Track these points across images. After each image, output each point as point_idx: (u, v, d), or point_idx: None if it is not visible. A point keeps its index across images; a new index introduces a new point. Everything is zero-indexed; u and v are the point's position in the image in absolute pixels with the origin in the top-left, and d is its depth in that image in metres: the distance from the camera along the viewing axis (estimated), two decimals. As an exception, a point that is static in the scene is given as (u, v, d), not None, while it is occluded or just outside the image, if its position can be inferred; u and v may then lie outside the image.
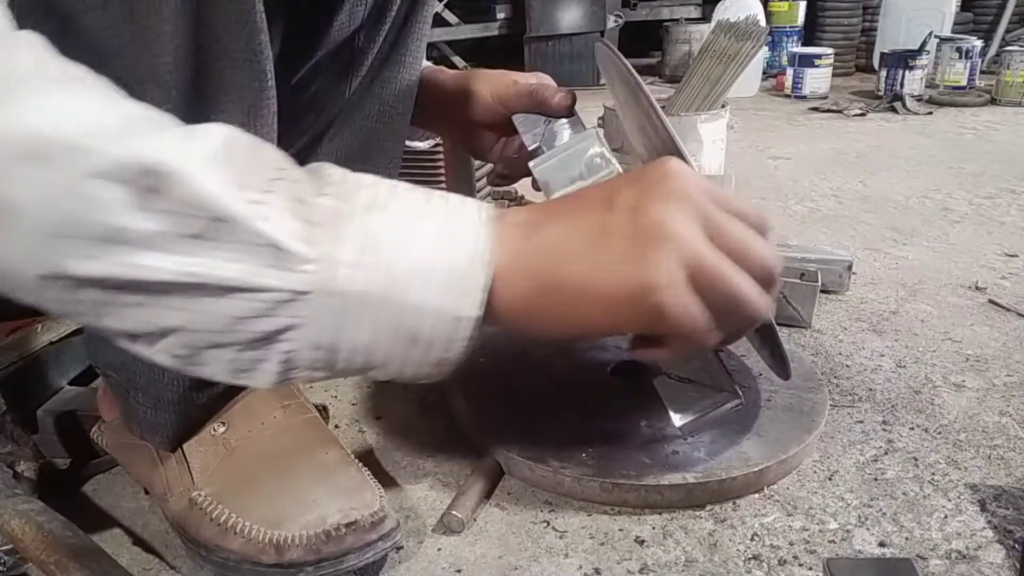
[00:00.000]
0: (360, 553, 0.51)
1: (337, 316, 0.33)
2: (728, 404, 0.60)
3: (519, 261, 0.35)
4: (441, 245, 0.34)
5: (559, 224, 0.36)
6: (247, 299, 0.31)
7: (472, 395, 0.72)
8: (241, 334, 0.32)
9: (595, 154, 0.56)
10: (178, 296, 0.31)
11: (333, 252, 0.32)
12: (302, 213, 0.32)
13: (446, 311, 0.34)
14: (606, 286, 0.35)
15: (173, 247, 0.30)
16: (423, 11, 0.66)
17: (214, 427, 0.59)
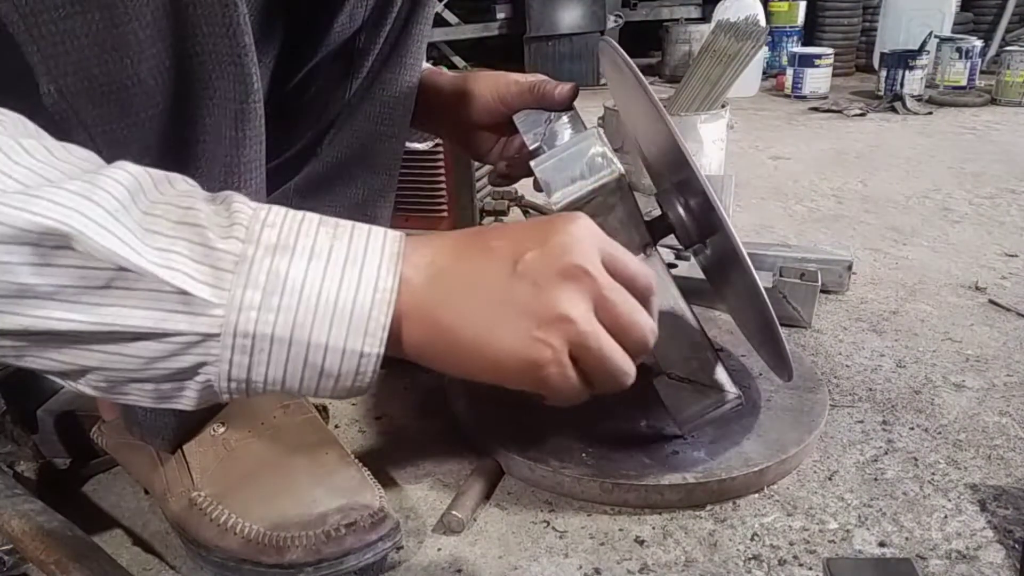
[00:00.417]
0: (360, 553, 0.51)
1: (246, 355, 0.34)
2: (728, 404, 0.60)
3: (420, 308, 0.37)
4: (345, 285, 0.35)
5: (462, 277, 0.38)
6: (159, 342, 0.33)
7: (472, 395, 0.72)
8: (157, 371, 0.34)
9: (596, 153, 0.56)
10: (92, 342, 0.32)
11: (239, 296, 0.33)
12: (209, 259, 0.33)
13: (350, 349, 0.35)
14: (498, 354, 0.37)
15: (81, 299, 0.31)
16: (424, 12, 0.66)
17: (214, 427, 0.59)
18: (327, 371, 0.35)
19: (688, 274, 0.93)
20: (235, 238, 0.34)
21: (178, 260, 0.32)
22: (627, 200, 0.58)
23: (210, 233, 0.33)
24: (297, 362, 0.35)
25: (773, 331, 0.57)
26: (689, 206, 0.59)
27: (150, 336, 0.32)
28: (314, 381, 0.36)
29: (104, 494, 0.65)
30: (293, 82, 0.62)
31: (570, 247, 0.38)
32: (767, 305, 0.55)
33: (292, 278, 0.34)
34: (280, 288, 0.34)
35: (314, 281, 0.34)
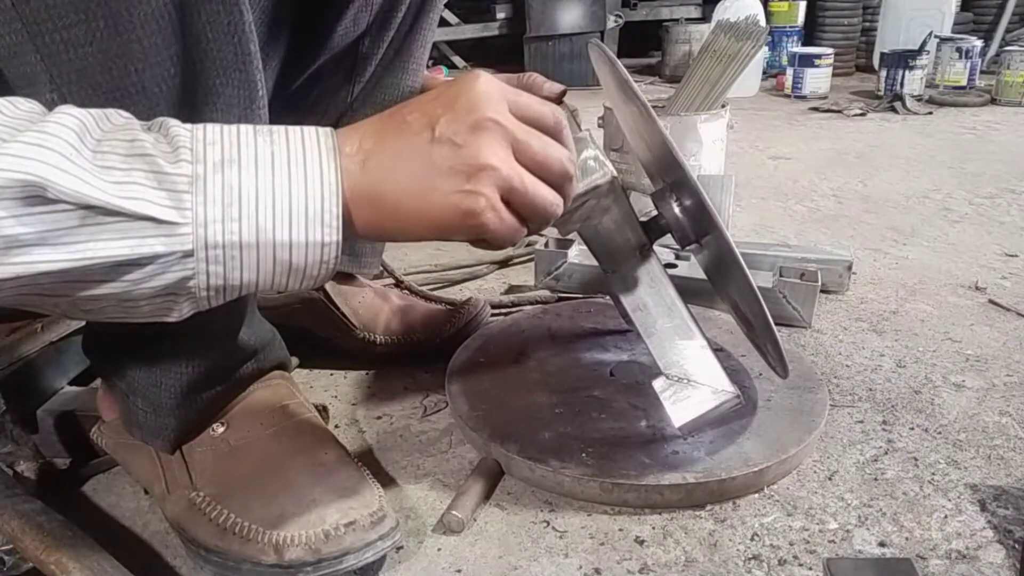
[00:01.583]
0: (359, 553, 0.51)
1: (220, 264, 0.37)
2: (727, 404, 0.60)
3: (361, 192, 0.40)
4: (295, 184, 0.38)
5: (390, 155, 0.41)
6: (140, 268, 0.36)
7: (472, 395, 0.72)
8: (145, 291, 0.37)
9: (588, 157, 0.56)
10: (79, 278, 0.35)
11: (201, 213, 0.36)
12: (165, 184, 0.35)
13: (311, 242, 0.38)
14: (437, 213, 0.41)
15: (62, 240, 0.34)
16: (429, 18, 0.66)
17: (213, 427, 0.59)
18: (295, 266, 0.39)
19: (688, 274, 0.93)
20: (183, 160, 0.36)
21: (138, 190, 0.35)
22: (621, 202, 0.58)
23: (160, 160, 0.36)
24: (267, 262, 0.38)
25: (769, 328, 0.57)
26: (684, 205, 0.59)
27: (130, 264, 0.35)
28: (284, 277, 0.39)
29: (104, 494, 0.65)
30: (296, 85, 0.62)
31: (477, 103, 0.41)
32: (760, 302, 0.55)
33: (245, 187, 0.37)
34: (236, 199, 0.36)
35: (265, 186, 0.37)
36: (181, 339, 0.56)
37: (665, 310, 0.60)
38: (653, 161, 0.66)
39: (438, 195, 0.40)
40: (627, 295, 0.61)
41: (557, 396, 0.71)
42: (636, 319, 0.61)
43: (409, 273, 1.06)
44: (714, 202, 0.94)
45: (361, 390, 0.80)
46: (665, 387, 0.60)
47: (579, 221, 0.58)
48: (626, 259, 0.61)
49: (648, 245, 0.61)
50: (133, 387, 0.57)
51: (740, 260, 0.56)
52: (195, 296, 0.38)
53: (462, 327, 0.84)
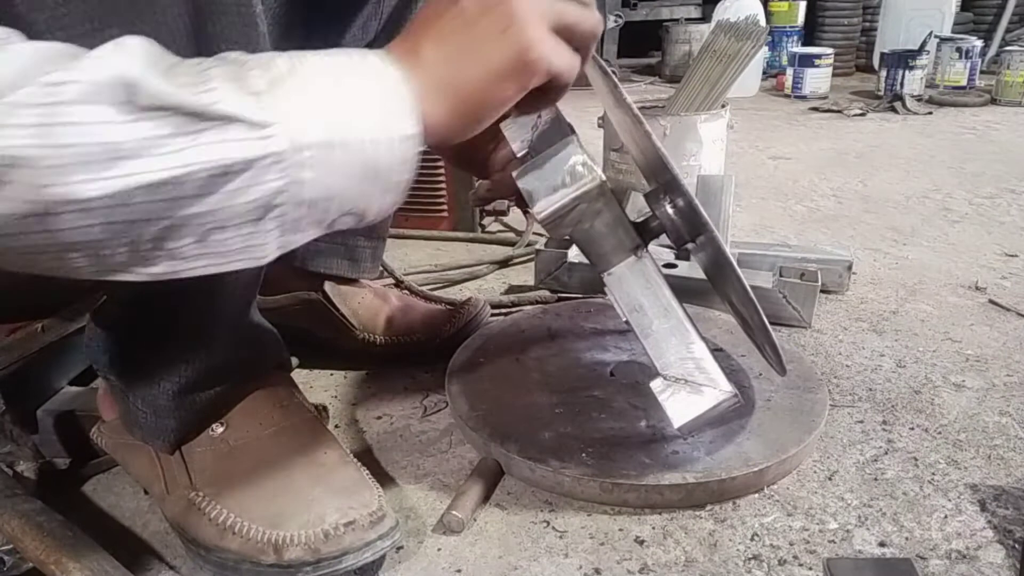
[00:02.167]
0: (359, 552, 0.51)
1: (310, 169, 0.36)
2: (725, 404, 0.59)
3: (424, 80, 0.40)
4: (364, 85, 0.38)
5: (432, 41, 0.42)
6: (235, 176, 0.35)
7: (472, 395, 0.72)
8: (238, 208, 0.36)
9: (577, 161, 0.56)
10: (178, 195, 0.34)
11: (287, 112, 0.35)
12: (246, 89, 0.35)
13: (394, 135, 0.39)
14: (496, 65, 0.41)
15: (160, 149, 0.33)
16: None
17: (213, 427, 0.59)
18: (381, 166, 0.39)
19: (688, 274, 0.93)
20: (255, 69, 0.36)
21: (223, 94, 0.34)
22: (611, 205, 0.58)
23: (235, 69, 0.35)
24: (354, 165, 0.38)
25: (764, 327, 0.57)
26: (677, 206, 0.59)
27: (224, 173, 0.34)
28: (369, 183, 0.39)
29: (104, 494, 0.65)
30: None
31: None
32: (753, 301, 0.56)
33: (321, 88, 0.37)
34: (316, 98, 0.37)
35: (338, 87, 0.37)
36: (182, 340, 0.56)
37: (661, 311, 0.60)
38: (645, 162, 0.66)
39: (494, 51, 0.41)
40: (623, 297, 0.61)
41: (557, 396, 0.71)
42: (633, 320, 0.61)
43: (409, 273, 1.06)
44: (714, 202, 0.94)
45: (361, 390, 0.80)
46: (663, 388, 0.60)
47: (570, 225, 0.59)
48: (621, 261, 0.61)
49: (643, 246, 0.61)
50: (133, 388, 0.57)
51: (731, 259, 0.56)
52: (284, 219, 0.37)
53: (462, 327, 0.84)
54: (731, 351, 0.78)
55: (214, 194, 0.35)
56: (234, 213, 0.36)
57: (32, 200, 0.32)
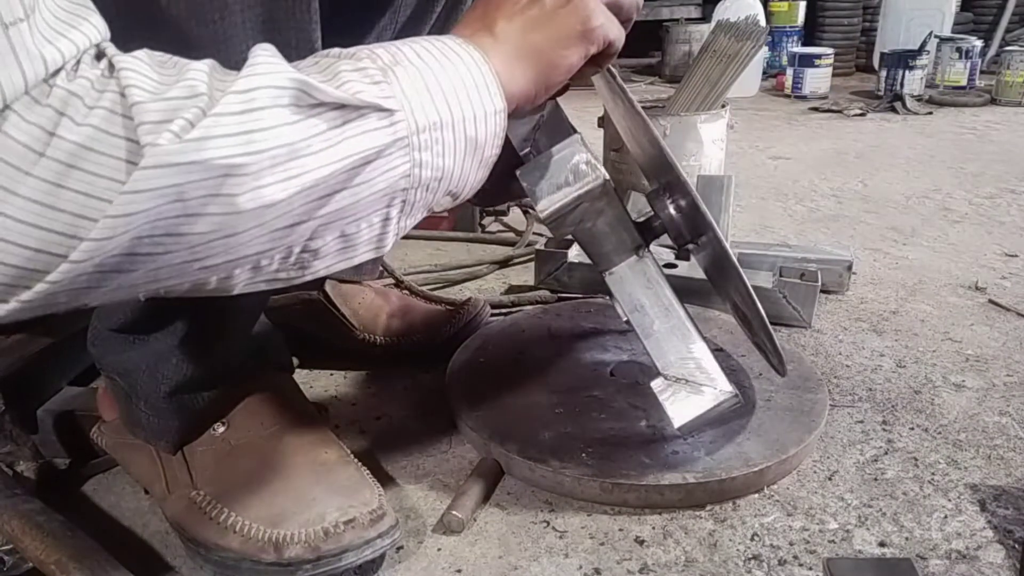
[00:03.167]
0: (359, 551, 0.51)
1: (429, 150, 0.39)
2: (725, 403, 0.60)
3: (502, 54, 0.44)
4: (454, 70, 0.41)
5: (504, 18, 0.45)
6: (371, 164, 0.37)
7: (472, 395, 0.72)
8: (372, 197, 0.38)
9: (580, 160, 0.56)
10: (339, 186, 0.36)
11: (404, 99, 0.38)
12: (367, 78, 0.37)
13: (488, 111, 0.42)
14: (564, 34, 0.45)
15: (323, 143, 0.35)
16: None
17: (214, 427, 0.59)
18: (479, 142, 0.42)
19: (688, 274, 0.93)
20: (366, 60, 0.38)
21: (357, 86, 0.36)
22: (614, 204, 0.58)
23: (351, 62, 0.38)
24: (460, 142, 0.41)
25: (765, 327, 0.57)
26: (679, 206, 0.59)
27: (364, 162, 0.36)
28: (470, 160, 0.42)
29: (104, 494, 0.65)
30: None
31: None
32: (755, 299, 0.56)
33: (423, 75, 0.39)
34: (423, 84, 0.39)
35: (436, 73, 0.40)
36: (184, 340, 0.56)
37: (662, 311, 0.60)
38: (647, 162, 0.66)
39: (560, 22, 0.45)
40: (624, 296, 0.61)
41: (557, 396, 0.71)
42: (634, 320, 0.61)
43: (409, 273, 1.06)
44: (714, 202, 0.94)
45: (361, 390, 0.80)
46: (664, 388, 0.60)
47: (573, 224, 0.59)
48: (622, 260, 0.61)
49: (644, 246, 0.61)
50: (135, 389, 0.57)
51: (734, 259, 0.56)
52: (405, 204, 0.40)
53: (462, 327, 0.84)
54: (731, 351, 0.78)
55: (354, 185, 0.37)
56: (369, 203, 0.38)
57: (229, 211, 0.33)
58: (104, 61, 0.32)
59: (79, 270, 0.31)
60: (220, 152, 0.31)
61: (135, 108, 0.30)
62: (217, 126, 0.31)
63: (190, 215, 0.32)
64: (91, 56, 0.31)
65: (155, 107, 0.30)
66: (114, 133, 0.30)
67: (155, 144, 0.30)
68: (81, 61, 0.31)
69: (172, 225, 0.32)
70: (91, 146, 0.29)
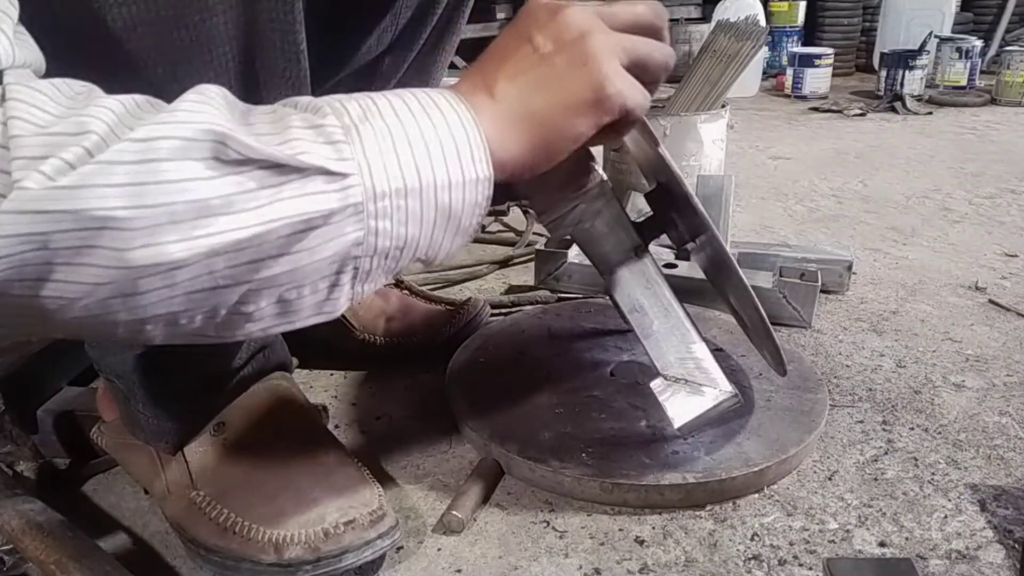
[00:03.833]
0: (359, 551, 0.51)
1: (388, 219, 0.36)
2: (725, 403, 0.60)
3: (499, 116, 0.40)
4: (436, 128, 0.38)
5: (507, 77, 0.42)
6: (314, 230, 0.34)
7: (472, 395, 0.72)
8: (316, 264, 0.35)
9: None
10: (256, 255, 0.33)
11: (363, 162, 0.35)
12: (323, 137, 0.35)
13: (467, 178, 0.38)
14: (572, 100, 0.41)
15: (246, 205, 0.32)
16: (452, 38, 0.66)
17: (214, 427, 0.59)
18: (453, 211, 0.38)
19: (688, 274, 0.93)
20: (330, 115, 0.35)
21: (303, 145, 0.34)
22: (612, 205, 0.58)
23: (310, 117, 0.35)
24: (430, 210, 0.38)
25: (765, 327, 0.57)
26: (677, 206, 0.59)
27: (305, 228, 0.34)
28: (442, 229, 0.39)
29: (104, 494, 0.65)
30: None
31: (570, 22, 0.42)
32: (755, 301, 0.56)
33: (395, 135, 0.36)
34: (391, 144, 0.36)
35: (411, 131, 0.37)
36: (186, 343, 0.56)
37: (661, 311, 0.60)
38: (645, 162, 0.66)
39: (570, 87, 0.41)
40: (623, 297, 0.61)
41: (557, 396, 0.71)
42: (633, 320, 0.61)
43: (409, 273, 1.06)
44: (714, 202, 0.94)
45: (361, 390, 0.80)
46: (663, 388, 0.60)
47: (571, 225, 0.59)
48: (621, 261, 0.61)
49: (643, 246, 0.61)
50: (135, 390, 0.57)
51: (732, 260, 0.56)
52: (359, 271, 0.37)
53: (462, 327, 0.84)
54: (731, 351, 0.78)
55: (294, 251, 0.34)
56: (312, 270, 0.35)
57: (117, 266, 0.30)
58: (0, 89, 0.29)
59: None
60: (98, 204, 0.29)
61: (12, 141, 0.28)
62: (99, 174, 0.29)
63: (68, 264, 0.30)
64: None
65: (33, 142, 0.28)
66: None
67: (21, 186, 0.28)
68: None
69: (42, 272, 0.29)
70: None
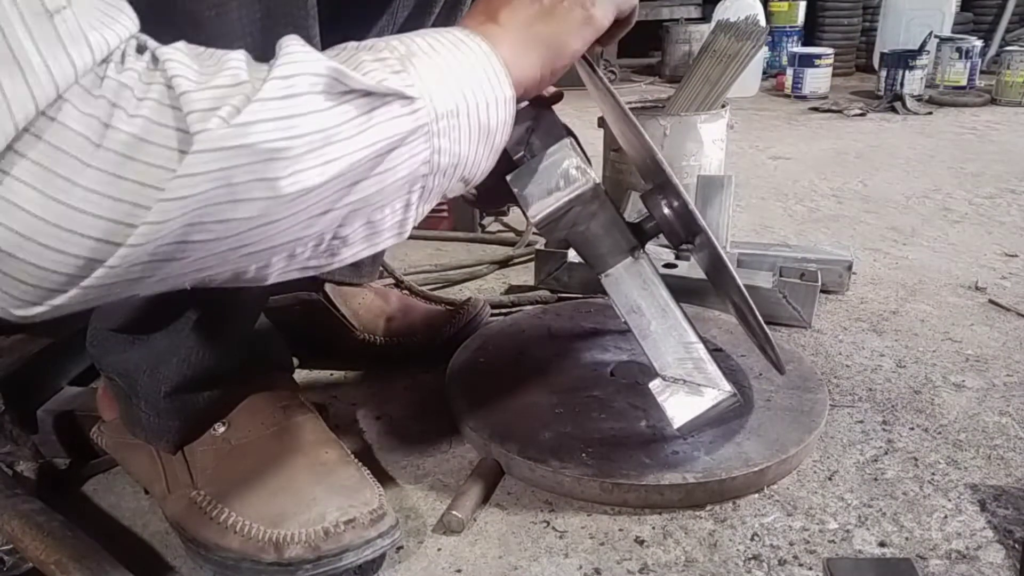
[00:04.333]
0: (359, 550, 0.51)
1: (446, 137, 0.40)
2: (724, 403, 0.60)
3: (509, 42, 0.45)
4: (465, 59, 0.42)
5: (507, 9, 0.46)
6: (394, 151, 0.38)
7: (472, 395, 0.72)
8: (396, 183, 0.39)
9: (570, 165, 0.57)
10: (354, 177, 0.37)
11: (424, 87, 0.39)
12: (388, 68, 0.38)
13: (499, 98, 0.43)
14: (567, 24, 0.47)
15: (354, 129, 0.36)
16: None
17: (215, 427, 0.59)
18: (490, 128, 0.43)
19: (688, 274, 0.93)
20: (384, 51, 0.39)
21: (382, 74, 0.37)
22: (606, 207, 0.58)
23: (371, 54, 0.39)
24: (473, 128, 0.42)
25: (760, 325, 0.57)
26: (673, 206, 0.59)
27: (392, 147, 0.38)
28: (483, 146, 0.43)
29: (104, 494, 0.65)
30: None
31: None
32: (747, 298, 0.56)
33: (436, 62, 0.40)
34: (436, 72, 0.40)
35: (449, 63, 0.41)
36: (184, 340, 0.56)
37: (659, 312, 0.61)
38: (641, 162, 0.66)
39: (562, 9, 0.46)
40: (620, 298, 0.61)
41: (557, 396, 0.71)
42: (631, 321, 0.61)
43: (409, 273, 1.06)
44: (714, 202, 0.94)
45: (361, 390, 0.80)
46: (662, 388, 0.60)
47: (566, 228, 0.59)
48: (617, 262, 0.61)
49: (639, 247, 0.61)
50: (135, 389, 0.57)
51: (726, 259, 0.56)
52: (424, 190, 0.41)
53: (462, 327, 0.84)
54: (731, 351, 0.78)
55: (381, 171, 0.38)
56: (393, 189, 0.39)
57: (270, 196, 0.34)
58: (147, 53, 0.32)
59: (134, 257, 0.31)
60: (264, 136, 0.32)
61: (183, 98, 0.31)
62: (262, 111, 0.32)
63: (236, 200, 0.33)
64: (133, 48, 0.32)
65: (202, 96, 0.31)
66: (165, 123, 0.31)
67: (205, 129, 0.31)
68: (126, 52, 0.31)
69: (220, 210, 0.33)
70: (145, 137, 0.30)
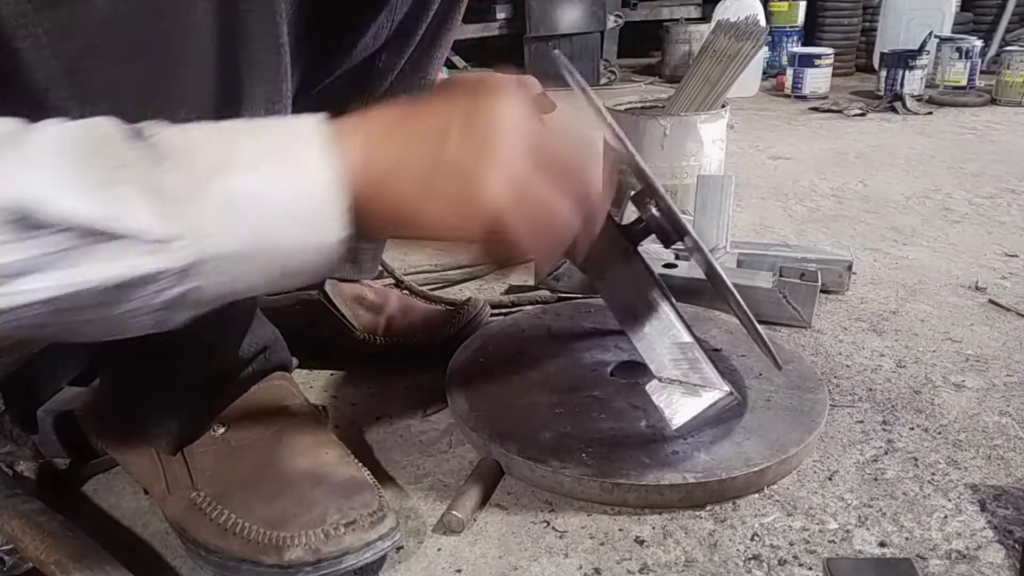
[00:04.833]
0: (359, 553, 0.51)
1: (221, 275, 0.35)
2: (722, 403, 0.60)
3: (368, 187, 0.38)
4: (293, 185, 0.36)
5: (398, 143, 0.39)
6: (136, 288, 0.34)
7: (472, 395, 0.72)
8: (144, 310, 0.35)
9: None
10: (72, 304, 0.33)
11: (198, 224, 0.34)
12: (156, 196, 0.33)
13: (313, 244, 0.37)
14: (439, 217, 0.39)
15: (53, 265, 0.32)
16: (448, 35, 0.66)
17: (214, 428, 0.59)
18: (293, 269, 0.37)
19: (688, 274, 0.93)
20: (174, 170, 0.34)
21: (129, 205, 0.33)
22: None
23: (149, 172, 0.34)
24: (264, 268, 0.37)
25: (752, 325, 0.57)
26: (660, 207, 0.59)
27: (125, 285, 0.33)
28: (282, 280, 0.38)
29: (104, 494, 0.65)
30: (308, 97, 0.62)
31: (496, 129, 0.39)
32: (736, 297, 0.56)
33: (242, 193, 0.35)
34: (234, 206, 0.35)
35: (263, 190, 0.35)
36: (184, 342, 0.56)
37: (652, 313, 0.61)
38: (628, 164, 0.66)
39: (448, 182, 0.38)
40: (614, 300, 0.61)
41: (557, 396, 0.71)
42: (625, 324, 0.61)
43: (409, 273, 1.06)
44: (714, 202, 0.94)
45: (361, 390, 0.80)
46: (659, 390, 0.60)
47: None
48: (610, 265, 0.61)
49: (632, 249, 0.61)
50: (135, 388, 0.57)
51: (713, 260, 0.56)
52: (195, 307, 0.37)
53: (462, 327, 0.84)
54: (731, 351, 0.78)
55: (114, 302, 0.34)
56: (140, 312, 0.35)
57: None
58: None
59: None
60: None
61: None
62: None
63: None
64: None
65: None
66: None
67: None
68: None
69: None
70: None
